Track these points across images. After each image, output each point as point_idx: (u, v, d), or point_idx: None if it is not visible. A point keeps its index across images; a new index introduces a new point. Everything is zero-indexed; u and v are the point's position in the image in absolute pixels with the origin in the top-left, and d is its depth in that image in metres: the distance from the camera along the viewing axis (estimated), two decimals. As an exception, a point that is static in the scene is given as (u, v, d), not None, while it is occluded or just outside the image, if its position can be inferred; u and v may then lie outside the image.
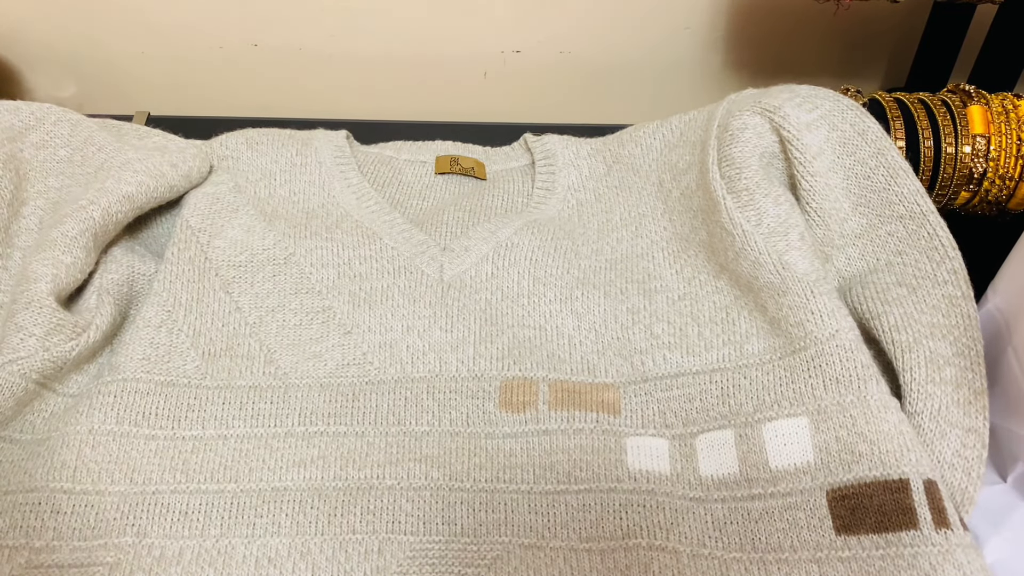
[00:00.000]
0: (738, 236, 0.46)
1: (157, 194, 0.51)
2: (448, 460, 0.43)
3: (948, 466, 0.42)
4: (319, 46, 0.70)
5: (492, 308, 0.48)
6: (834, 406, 0.41)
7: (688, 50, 0.71)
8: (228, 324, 0.48)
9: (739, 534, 0.40)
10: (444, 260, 0.50)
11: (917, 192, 0.46)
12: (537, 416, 0.44)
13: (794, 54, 0.72)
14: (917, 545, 0.37)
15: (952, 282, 0.44)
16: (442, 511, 0.41)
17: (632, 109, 0.74)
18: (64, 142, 0.52)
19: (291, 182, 0.55)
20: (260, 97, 0.73)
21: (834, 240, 0.47)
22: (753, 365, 0.45)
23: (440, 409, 0.45)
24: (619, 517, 0.41)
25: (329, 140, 0.57)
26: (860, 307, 0.45)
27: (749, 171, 0.47)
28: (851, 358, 0.42)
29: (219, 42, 0.70)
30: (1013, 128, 0.52)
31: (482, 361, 0.46)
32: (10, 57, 0.71)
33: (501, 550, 0.40)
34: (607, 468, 0.43)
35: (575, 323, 0.48)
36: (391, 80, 0.72)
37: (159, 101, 0.71)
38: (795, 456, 0.41)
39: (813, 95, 0.48)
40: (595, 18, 0.69)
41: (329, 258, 0.50)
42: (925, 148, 0.53)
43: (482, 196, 0.56)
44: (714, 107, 0.51)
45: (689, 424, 0.44)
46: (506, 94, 0.74)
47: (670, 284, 0.49)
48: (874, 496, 0.39)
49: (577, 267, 0.50)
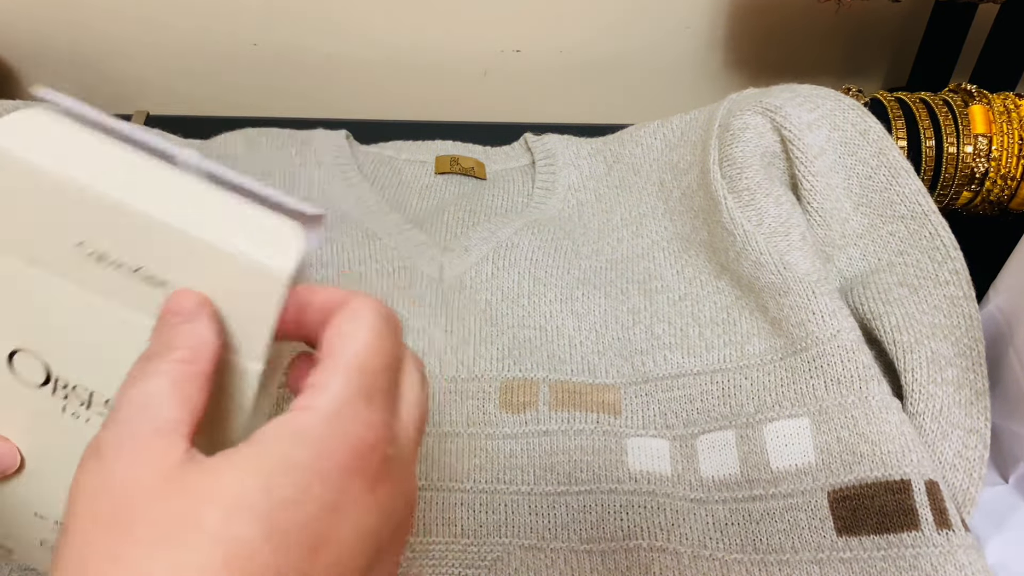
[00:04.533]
0: (739, 236, 0.45)
1: (156, 194, 0.51)
2: (448, 461, 0.43)
3: (949, 467, 0.42)
4: (319, 46, 0.70)
5: (492, 308, 0.48)
6: (835, 407, 0.41)
7: (688, 50, 0.71)
8: (227, 324, 0.48)
9: (740, 535, 0.40)
10: (444, 260, 0.50)
11: (919, 192, 0.46)
12: (537, 417, 0.44)
13: (795, 53, 0.72)
14: (918, 546, 0.37)
15: (954, 282, 0.44)
16: (442, 512, 0.41)
17: (632, 109, 0.74)
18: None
19: (291, 182, 0.54)
20: (260, 97, 0.73)
21: (835, 240, 0.47)
22: (754, 366, 0.45)
23: (440, 410, 0.44)
24: (620, 518, 0.41)
25: (329, 140, 0.57)
26: (861, 307, 0.45)
27: (750, 171, 0.46)
28: (852, 359, 0.42)
29: (219, 42, 0.70)
30: (1015, 128, 0.52)
31: (482, 362, 0.46)
32: (10, 57, 0.71)
33: (501, 551, 0.40)
34: (608, 469, 0.42)
35: (575, 323, 0.47)
36: (391, 80, 0.72)
37: (159, 101, 0.71)
38: (796, 457, 0.41)
39: (814, 95, 0.48)
40: (595, 18, 0.68)
41: (329, 258, 0.50)
42: (927, 148, 0.53)
43: (482, 196, 0.56)
44: (715, 107, 0.51)
45: (690, 425, 0.44)
46: (506, 94, 0.73)
47: (671, 284, 0.49)
48: (875, 497, 0.38)
49: (577, 267, 0.50)
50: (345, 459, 0.23)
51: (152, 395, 0.23)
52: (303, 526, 0.21)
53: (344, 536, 0.22)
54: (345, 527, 0.22)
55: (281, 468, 0.22)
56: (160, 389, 0.23)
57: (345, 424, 0.23)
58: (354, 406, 0.23)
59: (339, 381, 0.23)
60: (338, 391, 0.23)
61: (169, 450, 0.22)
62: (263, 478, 0.21)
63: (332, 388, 0.23)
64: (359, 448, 0.23)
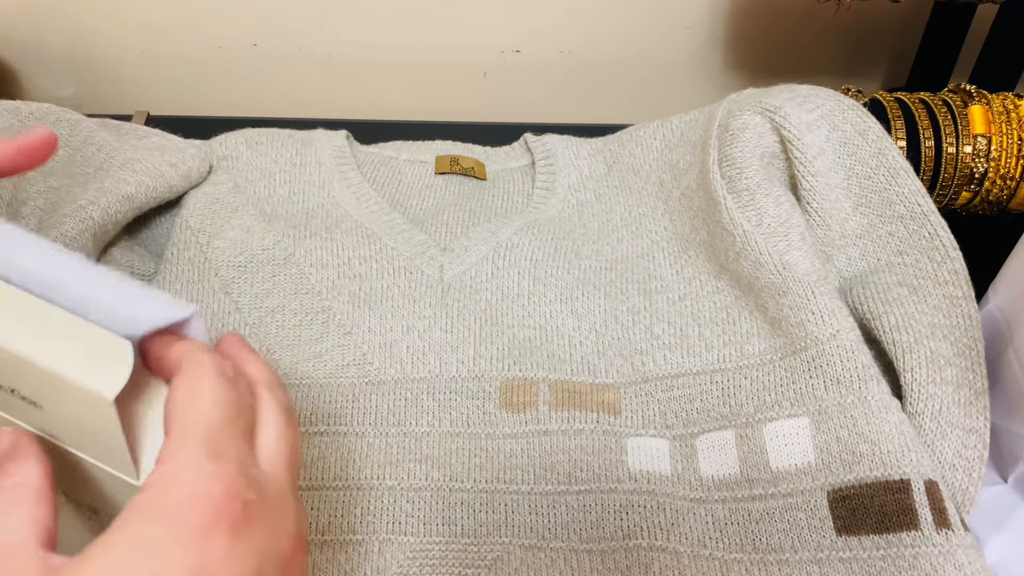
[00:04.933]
0: (739, 236, 0.45)
1: (156, 194, 0.51)
2: (448, 461, 0.43)
3: (949, 466, 0.42)
4: (319, 46, 0.70)
5: (492, 308, 0.48)
6: (835, 406, 0.41)
7: (688, 50, 0.71)
8: (227, 325, 0.48)
9: (740, 535, 0.40)
10: (444, 260, 0.50)
11: (918, 192, 0.46)
12: (537, 417, 0.44)
13: (795, 54, 0.72)
14: (918, 546, 0.37)
15: (953, 282, 0.44)
16: (442, 512, 0.41)
17: (632, 109, 0.74)
18: (63, 142, 0.51)
19: (291, 182, 0.54)
20: (260, 97, 0.73)
21: (835, 240, 0.47)
22: (754, 365, 0.45)
23: (440, 410, 0.45)
24: (620, 518, 0.41)
25: (329, 140, 0.57)
26: (861, 307, 0.45)
27: (750, 171, 0.47)
28: (852, 358, 0.42)
29: (219, 42, 0.70)
30: (1014, 128, 0.52)
31: (482, 361, 0.46)
32: (10, 57, 0.71)
33: (501, 551, 0.40)
34: (608, 469, 0.42)
35: (575, 323, 0.47)
36: (391, 80, 0.72)
37: (159, 101, 0.71)
38: (796, 456, 0.41)
39: (814, 95, 0.48)
40: (595, 18, 0.69)
41: (329, 258, 0.50)
42: (926, 148, 0.53)
43: (482, 196, 0.56)
44: (714, 107, 0.51)
45: (690, 424, 0.44)
46: (506, 94, 0.73)
47: (670, 284, 0.49)
48: (875, 496, 0.39)
49: (577, 267, 0.50)
50: (199, 519, 0.23)
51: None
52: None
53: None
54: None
55: (139, 549, 0.22)
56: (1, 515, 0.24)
57: (190, 486, 0.23)
58: (196, 466, 0.24)
59: (175, 448, 0.24)
60: (176, 458, 0.24)
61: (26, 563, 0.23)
62: (121, 566, 0.22)
63: (170, 458, 0.24)
64: (211, 503, 0.23)
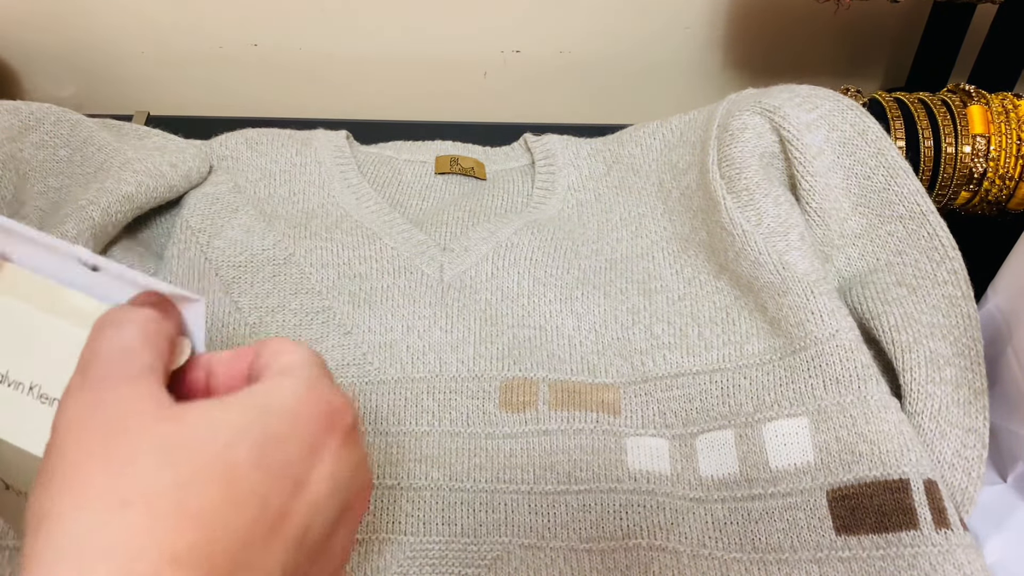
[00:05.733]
0: (738, 236, 0.46)
1: (157, 194, 0.51)
2: (448, 460, 0.43)
3: (948, 466, 0.42)
4: (319, 46, 0.70)
5: (492, 308, 0.48)
6: (834, 406, 0.41)
7: (688, 50, 0.71)
8: (228, 325, 0.48)
9: (739, 534, 0.40)
10: (444, 260, 0.50)
11: (917, 192, 0.46)
12: (537, 416, 0.44)
13: (794, 54, 0.72)
14: (917, 545, 0.37)
15: (952, 282, 0.44)
16: (442, 511, 0.41)
17: (632, 109, 0.74)
18: (64, 142, 0.52)
19: (291, 182, 0.55)
20: (260, 97, 0.73)
21: (834, 240, 0.47)
22: (753, 365, 0.45)
23: (440, 409, 0.45)
24: (619, 517, 0.41)
25: (329, 140, 0.57)
26: (860, 307, 0.45)
27: (749, 171, 0.47)
28: (851, 358, 0.42)
29: (219, 42, 0.70)
30: (1013, 128, 0.52)
31: (482, 361, 0.46)
32: (10, 57, 0.71)
33: (501, 550, 0.40)
34: (607, 468, 0.42)
35: (575, 323, 0.47)
36: (391, 80, 0.72)
37: (159, 101, 0.71)
38: (795, 456, 0.41)
39: (813, 95, 0.48)
40: (595, 18, 0.69)
41: (329, 258, 0.50)
42: (925, 148, 0.53)
43: (482, 196, 0.56)
44: (714, 107, 0.51)
45: (689, 424, 0.44)
46: (506, 94, 0.73)
47: (670, 284, 0.49)
48: (874, 496, 0.39)
49: (577, 267, 0.50)
50: (321, 414, 0.26)
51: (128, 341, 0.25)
52: (288, 463, 0.24)
53: (321, 480, 0.25)
54: (322, 472, 0.25)
55: (275, 408, 0.25)
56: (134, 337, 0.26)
57: (318, 390, 0.26)
58: (321, 380, 0.27)
59: (304, 362, 0.27)
60: (307, 368, 0.27)
61: (157, 388, 0.25)
62: (259, 414, 0.25)
63: (301, 366, 0.27)
64: (331, 410, 0.26)
